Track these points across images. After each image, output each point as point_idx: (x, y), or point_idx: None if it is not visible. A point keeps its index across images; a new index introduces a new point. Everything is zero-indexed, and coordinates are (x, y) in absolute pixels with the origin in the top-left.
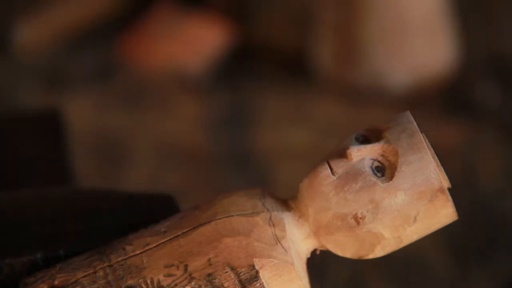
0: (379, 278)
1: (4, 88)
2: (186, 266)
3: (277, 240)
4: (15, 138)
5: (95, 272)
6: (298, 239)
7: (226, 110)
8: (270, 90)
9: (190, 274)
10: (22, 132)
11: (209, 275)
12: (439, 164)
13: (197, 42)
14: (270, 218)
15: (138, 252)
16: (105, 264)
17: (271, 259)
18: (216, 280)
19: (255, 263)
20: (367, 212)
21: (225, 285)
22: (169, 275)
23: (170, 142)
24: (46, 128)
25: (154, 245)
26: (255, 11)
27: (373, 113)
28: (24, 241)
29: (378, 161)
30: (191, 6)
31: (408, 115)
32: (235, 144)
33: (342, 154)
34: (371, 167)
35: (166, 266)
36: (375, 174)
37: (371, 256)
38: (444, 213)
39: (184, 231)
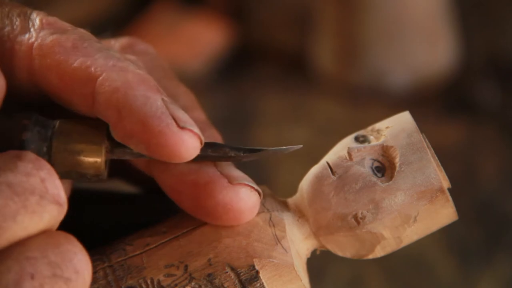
0: (379, 278)
1: None
2: (186, 266)
3: (277, 240)
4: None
5: (95, 272)
6: (298, 239)
7: (226, 110)
8: (270, 90)
9: (190, 274)
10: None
11: (209, 275)
12: (439, 164)
13: (197, 42)
14: (270, 218)
15: (138, 252)
16: (105, 265)
17: (271, 259)
18: (216, 280)
19: (255, 264)
20: (367, 212)
21: (225, 285)
22: (169, 275)
23: None
24: None
25: (154, 245)
26: (255, 11)
27: (373, 113)
28: None
29: (378, 161)
30: (191, 6)
31: (408, 115)
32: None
33: (342, 154)
34: (371, 167)
35: (166, 266)
36: (375, 174)
37: (371, 256)
38: (444, 213)
39: (184, 231)
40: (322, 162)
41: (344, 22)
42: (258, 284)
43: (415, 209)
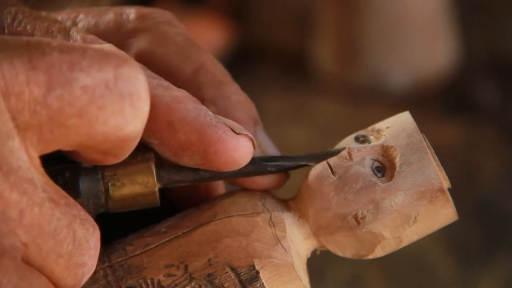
0: (379, 278)
1: None
2: (186, 267)
3: (277, 240)
4: None
5: (95, 272)
6: (298, 239)
7: None
8: (270, 90)
9: (190, 274)
10: None
11: (209, 275)
12: (439, 164)
13: (197, 42)
14: (270, 218)
15: (138, 252)
16: (105, 265)
17: (271, 260)
18: (216, 281)
19: (255, 264)
20: (368, 212)
21: (225, 285)
22: (169, 275)
23: None
24: None
25: (154, 245)
26: (255, 11)
27: (373, 113)
28: None
29: (378, 161)
30: (191, 6)
31: (408, 115)
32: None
33: (342, 154)
34: (371, 167)
35: (166, 266)
36: (375, 174)
37: (371, 256)
38: (444, 213)
39: (184, 231)
40: (322, 162)
41: (344, 22)
42: (258, 284)
43: (415, 209)
